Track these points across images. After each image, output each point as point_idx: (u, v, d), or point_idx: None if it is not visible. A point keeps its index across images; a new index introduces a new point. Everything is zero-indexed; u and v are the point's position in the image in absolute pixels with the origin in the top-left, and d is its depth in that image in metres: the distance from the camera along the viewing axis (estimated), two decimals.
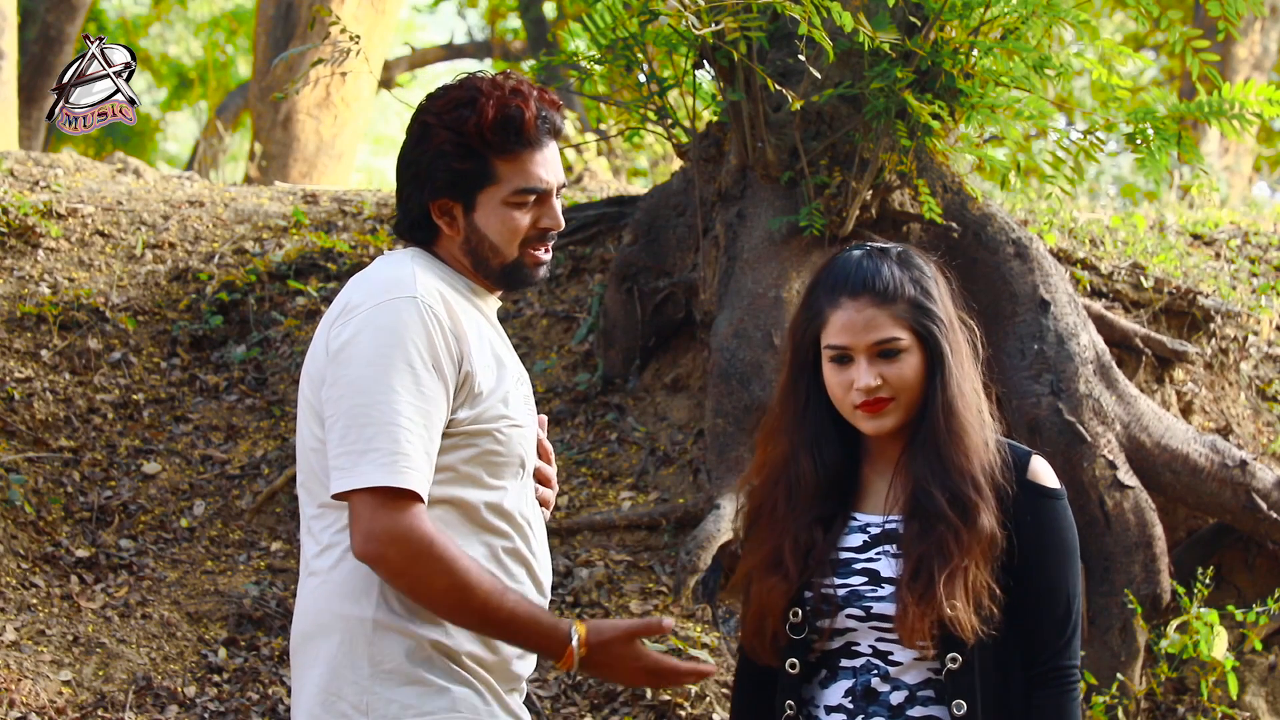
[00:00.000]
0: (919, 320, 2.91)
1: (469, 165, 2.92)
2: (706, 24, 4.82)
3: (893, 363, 2.90)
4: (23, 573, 5.48)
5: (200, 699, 5.04)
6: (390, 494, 2.78)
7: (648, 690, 4.97)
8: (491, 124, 2.91)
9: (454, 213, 2.96)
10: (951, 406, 2.91)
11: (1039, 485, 2.90)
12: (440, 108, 2.95)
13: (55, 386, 6.28)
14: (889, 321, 2.90)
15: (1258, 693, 5.54)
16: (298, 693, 2.94)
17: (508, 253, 2.97)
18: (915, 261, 2.97)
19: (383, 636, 2.85)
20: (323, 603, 2.90)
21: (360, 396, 2.81)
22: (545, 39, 17.07)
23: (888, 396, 2.90)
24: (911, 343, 2.91)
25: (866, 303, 2.91)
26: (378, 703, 2.83)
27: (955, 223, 5.84)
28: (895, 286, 2.92)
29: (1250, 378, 6.45)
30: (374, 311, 2.85)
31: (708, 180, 6.10)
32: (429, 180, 2.94)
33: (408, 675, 2.85)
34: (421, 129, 2.96)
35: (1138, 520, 5.50)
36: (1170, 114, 5.53)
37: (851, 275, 2.93)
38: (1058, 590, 2.88)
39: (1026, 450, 2.94)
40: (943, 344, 2.92)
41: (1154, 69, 19.13)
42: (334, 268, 6.90)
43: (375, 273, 2.94)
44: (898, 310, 2.91)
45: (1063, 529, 2.91)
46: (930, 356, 2.91)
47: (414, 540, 2.78)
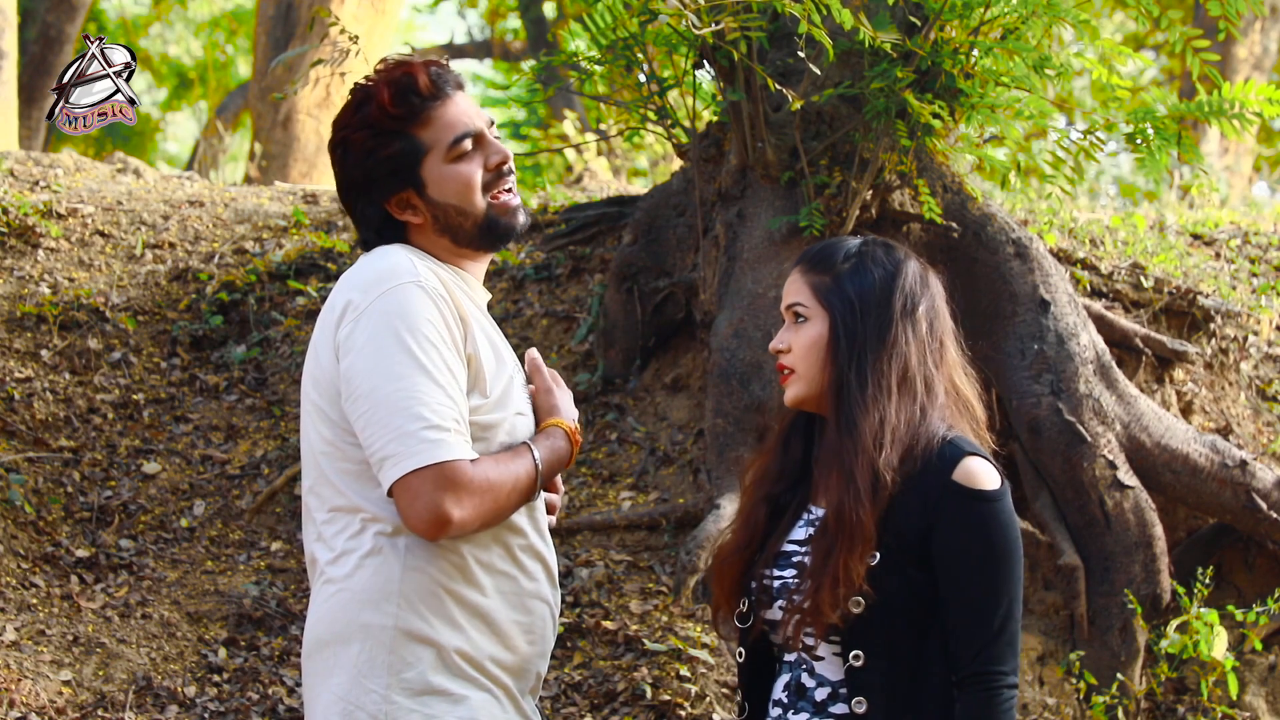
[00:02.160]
0: (826, 293, 2.93)
1: (396, 146, 2.92)
2: (706, 24, 4.82)
3: (799, 330, 2.95)
4: (23, 573, 5.48)
5: (200, 699, 5.04)
6: (433, 471, 2.76)
7: (647, 690, 4.97)
8: (391, 99, 2.92)
9: (410, 201, 2.95)
10: (839, 390, 2.90)
11: (964, 487, 2.85)
12: (345, 119, 2.98)
13: (55, 386, 6.28)
14: (803, 287, 2.97)
15: (1258, 693, 5.54)
16: (312, 701, 2.91)
17: (475, 209, 2.96)
18: (880, 253, 2.99)
19: (405, 645, 2.83)
20: (340, 610, 2.87)
21: (386, 386, 2.78)
22: (545, 39, 17.07)
23: (789, 364, 2.95)
24: (816, 313, 2.94)
25: (801, 270, 2.99)
26: (397, 712, 2.81)
27: (955, 223, 5.84)
28: (828, 263, 2.96)
29: (1250, 378, 6.45)
30: (379, 301, 2.83)
31: (708, 180, 6.10)
32: (373, 184, 2.94)
33: (428, 685, 2.82)
34: (342, 146, 2.97)
35: (1138, 520, 5.50)
36: (1170, 114, 5.53)
37: (811, 248, 3.02)
38: (978, 594, 2.83)
39: (963, 451, 2.88)
40: (837, 322, 2.92)
41: (1154, 69, 19.13)
42: (334, 268, 6.90)
43: (368, 267, 2.91)
44: (814, 280, 2.95)
45: (987, 532, 2.85)
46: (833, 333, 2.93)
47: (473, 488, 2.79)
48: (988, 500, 2.86)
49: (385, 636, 2.84)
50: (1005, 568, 2.84)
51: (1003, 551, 2.84)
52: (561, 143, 12.99)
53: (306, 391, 2.95)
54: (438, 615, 2.84)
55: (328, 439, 2.89)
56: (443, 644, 2.84)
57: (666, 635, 5.20)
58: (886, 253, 3.00)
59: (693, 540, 5.33)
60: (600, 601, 5.37)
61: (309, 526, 2.97)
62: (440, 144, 2.94)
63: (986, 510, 2.85)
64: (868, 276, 2.95)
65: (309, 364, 2.96)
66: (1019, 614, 2.86)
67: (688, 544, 5.34)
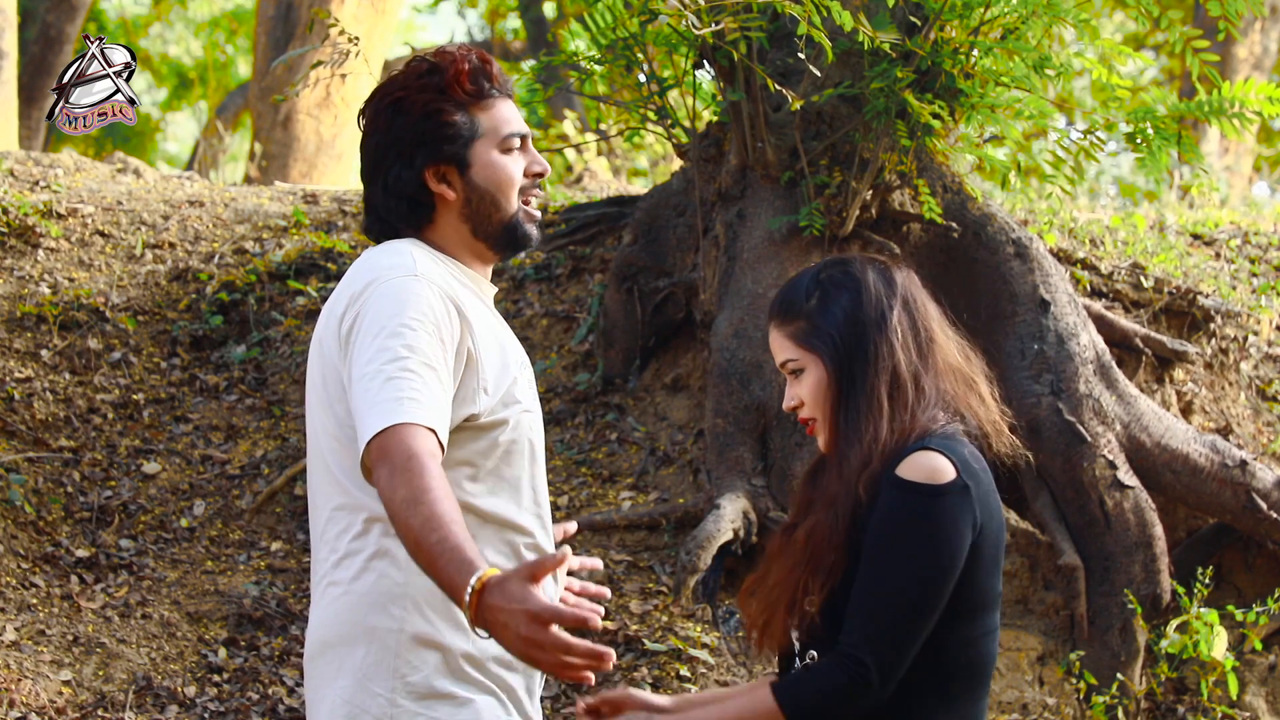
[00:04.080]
0: (807, 339, 2.92)
1: (457, 118, 2.94)
2: (706, 24, 4.82)
3: (802, 382, 2.94)
4: (23, 573, 5.48)
5: (200, 699, 5.04)
6: (398, 428, 2.69)
7: (647, 690, 4.97)
8: (468, 75, 2.94)
9: (449, 177, 2.95)
10: (834, 428, 2.90)
11: (895, 478, 2.81)
12: (404, 81, 2.96)
13: (55, 386, 6.28)
14: (785, 342, 2.95)
15: (1258, 693, 5.54)
16: (315, 703, 2.91)
17: (508, 206, 2.97)
18: (837, 274, 2.96)
19: (410, 648, 2.82)
20: (345, 614, 2.86)
21: (376, 359, 2.76)
22: (545, 39, 17.07)
23: (807, 416, 2.94)
24: (808, 361, 2.93)
25: (774, 326, 2.98)
26: (402, 715, 2.80)
27: (955, 223, 5.84)
28: (795, 307, 2.95)
29: (1250, 378, 6.45)
30: (380, 287, 2.84)
31: (708, 180, 6.10)
32: (421, 146, 2.93)
33: (433, 688, 2.82)
34: (393, 105, 2.95)
35: (1138, 520, 5.51)
36: (1170, 113, 5.53)
37: (775, 298, 3.01)
38: (873, 574, 2.79)
39: (918, 447, 2.84)
40: (828, 362, 2.91)
41: (1154, 69, 19.13)
42: (334, 268, 6.90)
43: (373, 259, 2.91)
44: (791, 330, 2.94)
45: (899, 519, 2.79)
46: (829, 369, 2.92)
47: (399, 464, 2.66)
48: (910, 490, 2.79)
49: (390, 640, 2.83)
50: (911, 561, 2.77)
51: (907, 541, 2.79)
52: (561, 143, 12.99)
53: (312, 384, 2.94)
54: (443, 618, 2.84)
55: (332, 434, 2.88)
56: (448, 646, 2.84)
57: (666, 635, 5.20)
58: (844, 272, 2.96)
59: (693, 540, 5.33)
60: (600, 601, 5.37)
61: (312, 525, 2.97)
62: (495, 133, 2.96)
63: (912, 501, 2.79)
64: (835, 306, 2.93)
65: (313, 358, 2.95)
66: (914, 617, 2.77)
67: (688, 544, 5.34)
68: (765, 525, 5.41)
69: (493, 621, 2.49)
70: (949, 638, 2.83)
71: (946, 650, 2.83)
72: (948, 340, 3.00)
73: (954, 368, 2.97)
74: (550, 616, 2.45)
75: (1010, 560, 5.61)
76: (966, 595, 2.83)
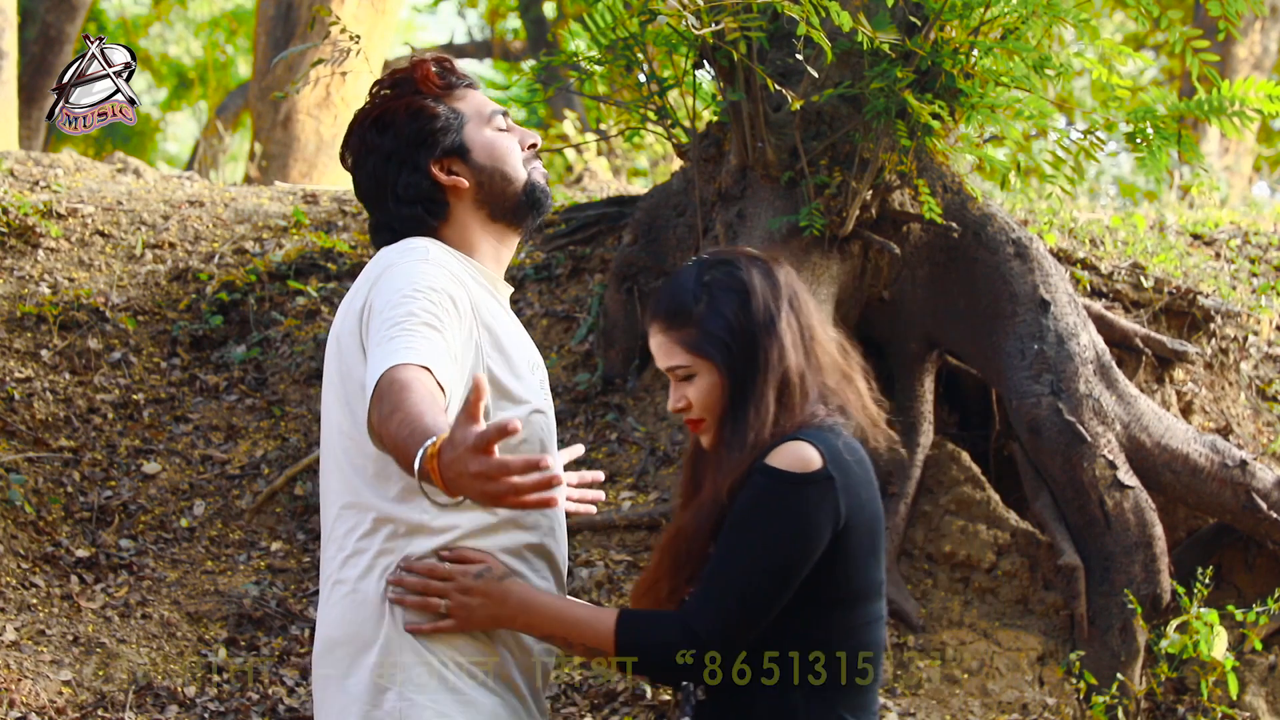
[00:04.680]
0: (698, 346, 2.91)
1: (440, 110, 3.01)
2: (706, 24, 4.82)
3: (691, 385, 2.93)
4: (23, 573, 5.48)
5: (200, 699, 5.04)
6: (388, 370, 2.69)
7: (647, 690, 4.97)
8: (434, 72, 3.03)
9: (454, 168, 3.01)
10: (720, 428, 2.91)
11: (763, 465, 2.84)
12: (377, 100, 3.03)
13: (55, 386, 6.28)
14: (674, 349, 2.94)
15: (1258, 693, 5.54)
16: (323, 702, 2.92)
17: (518, 175, 3.03)
18: (723, 277, 2.95)
19: (417, 647, 2.84)
20: (352, 612, 2.87)
21: (381, 328, 2.77)
22: (545, 39, 17.07)
23: (695, 417, 2.94)
24: (700, 366, 2.92)
25: (658, 329, 2.96)
26: (411, 710, 2.82)
27: (955, 223, 5.84)
28: (683, 312, 2.93)
29: (1250, 378, 6.45)
30: (391, 270, 2.87)
31: (708, 180, 6.10)
32: (420, 145, 2.99)
33: (441, 686, 2.83)
34: (376, 124, 3.02)
35: (1138, 520, 5.50)
36: (1170, 113, 5.53)
37: (656, 298, 2.99)
38: (724, 550, 2.82)
39: (790, 437, 2.87)
40: (722, 367, 2.91)
41: (1154, 69, 19.13)
42: (334, 268, 6.90)
43: (387, 254, 2.95)
44: (680, 337, 2.93)
45: (758, 503, 2.82)
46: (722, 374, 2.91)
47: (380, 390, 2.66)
48: (778, 478, 2.82)
49: (398, 638, 2.84)
50: (763, 544, 2.80)
51: (767, 528, 2.81)
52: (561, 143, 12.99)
53: (328, 381, 2.95)
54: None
55: (346, 432, 2.89)
56: (456, 644, 2.85)
57: None
58: (729, 275, 2.96)
59: None
60: (600, 601, 5.37)
61: (322, 523, 2.98)
62: (479, 115, 3.04)
63: (773, 487, 2.82)
64: (725, 310, 2.92)
65: (330, 355, 2.96)
66: (757, 598, 2.80)
67: None
68: None
69: (452, 478, 2.47)
70: (831, 627, 2.87)
71: (830, 640, 2.86)
72: (827, 337, 3.02)
73: (833, 363, 2.99)
74: (488, 440, 2.41)
75: (1010, 560, 5.61)
76: (843, 585, 2.87)
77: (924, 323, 5.92)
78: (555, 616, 2.86)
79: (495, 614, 2.85)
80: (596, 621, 2.85)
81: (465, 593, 2.84)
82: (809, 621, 2.86)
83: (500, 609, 2.85)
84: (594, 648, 2.84)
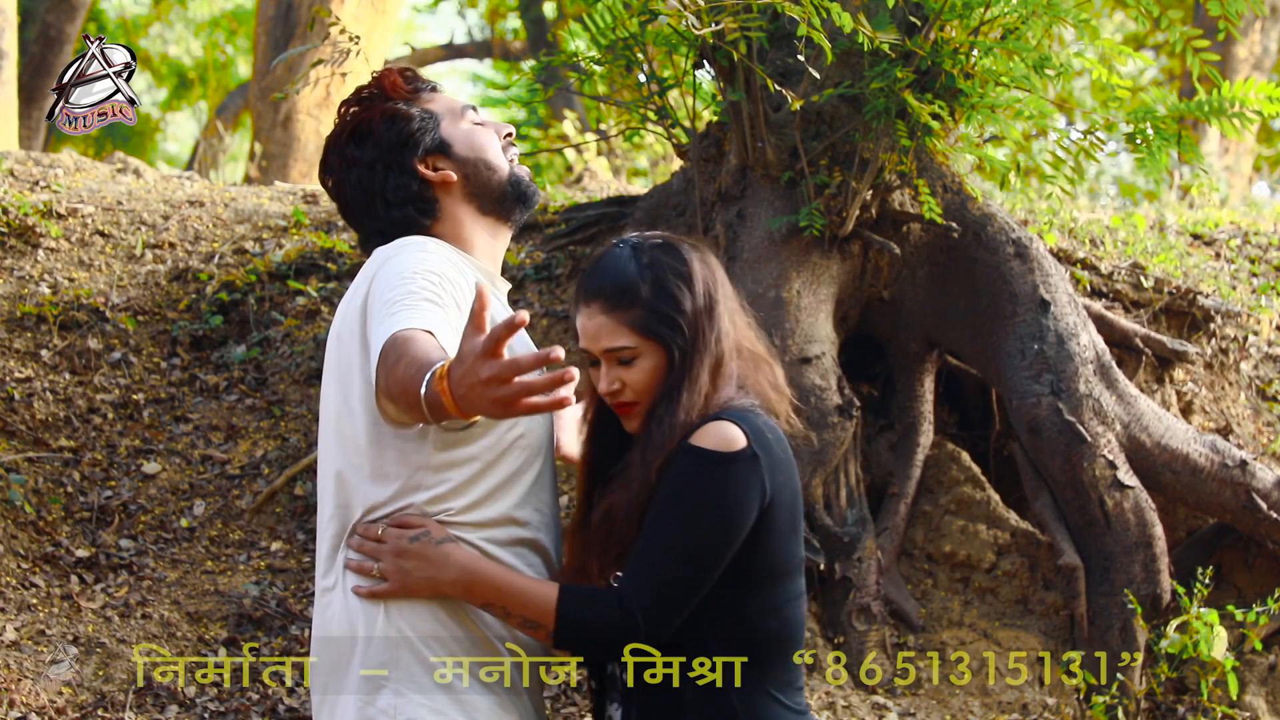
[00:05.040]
0: (647, 328, 2.92)
1: (414, 113, 3.05)
2: (706, 24, 4.82)
3: (629, 368, 2.94)
4: (23, 573, 5.48)
5: (200, 699, 5.04)
6: (388, 338, 2.71)
7: None
8: (399, 79, 3.09)
9: (439, 164, 3.04)
10: (650, 411, 2.92)
11: (688, 445, 2.87)
12: (347, 118, 3.07)
13: (55, 386, 6.27)
14: (618, 329, 2.94)
15: (1258, 693, 5.54)
16: (320, 701, 2.94)
17: (501, 164, 3.07)
18: (666, 259, 2.96)
19: (412, 645, 2.85)
20: (346, 611, 2.89)
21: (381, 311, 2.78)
22: (545, 39, 17.07)
23: (629, 400, 2.95)
24: (646, 348, 2.93)
25: (598, 309, 2.95)
26: (407, 707, 2.83)
27: (955, 223, 5.84)
28: (629, 292, 2.93)
29: (1250, 378, 6.45)
30: (388, 262, 2.88)
31: (708, 180, 6.10)
32: (403, 148, 3.02)
33: (435, 683, 2.84)
34: (354, 137, 3.05)
35: (1138, 520, 5.50)
36: (1170, 113, 5.53)
37: (591, 278, 2.97)
38: (653, 531, 2.84)
39: (714, 418, 2.89)
40: (672, 349, 2.92)
41: (1154, 69, 19.12)
42: (334, 268, 6.90)
43: (387, 248, 2.96)
44: (627, 317, 2.93)
45: (686, 482, 2.85)
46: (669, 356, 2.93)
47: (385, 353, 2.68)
48: (705, 458, 2.85)
49: (393, 637, 2.85)
50: (692, 522, 2.83)
51: (696, 506, 2.84)
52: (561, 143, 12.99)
53: (327, 382, 2.96)
54: (440, 615, 2.86)
55: (343, 431, 2.90)
56: (448, 640, 2.85)
57: None
58: (669, 254, 2.97)
59: None
60: None
61: (318, 523, 2.99)
62: (451, 111, 3.09)
63: (701, 466, 2.85)
64: (670, 290, 2.93)
65: (330, 355, 2.96)
66: (688, 576, 2.83)
67: None
68: None
69: (463, 394, 2.46)
70: (753, 605, 2.89)
71: (751, 617, 2.89)
72: (745, 322, 3.05)
73: (749, 348, 3.02)
74: (497, 340, 2.41)
75: (1010, 560, 5.61)
76: (765, 562, 2.90)
77: (924, 323, 5.92)
78: (496, 586, 2.84)
79: (433, 578, 2.84)
80: (539, 595, 2.85)
81: (400, 556, 2.84)
82: (736, 599, 2.89)
83: (438, 573, 2.84)
84: (533, 620, 2.84)
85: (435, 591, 2.84)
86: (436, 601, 2.86)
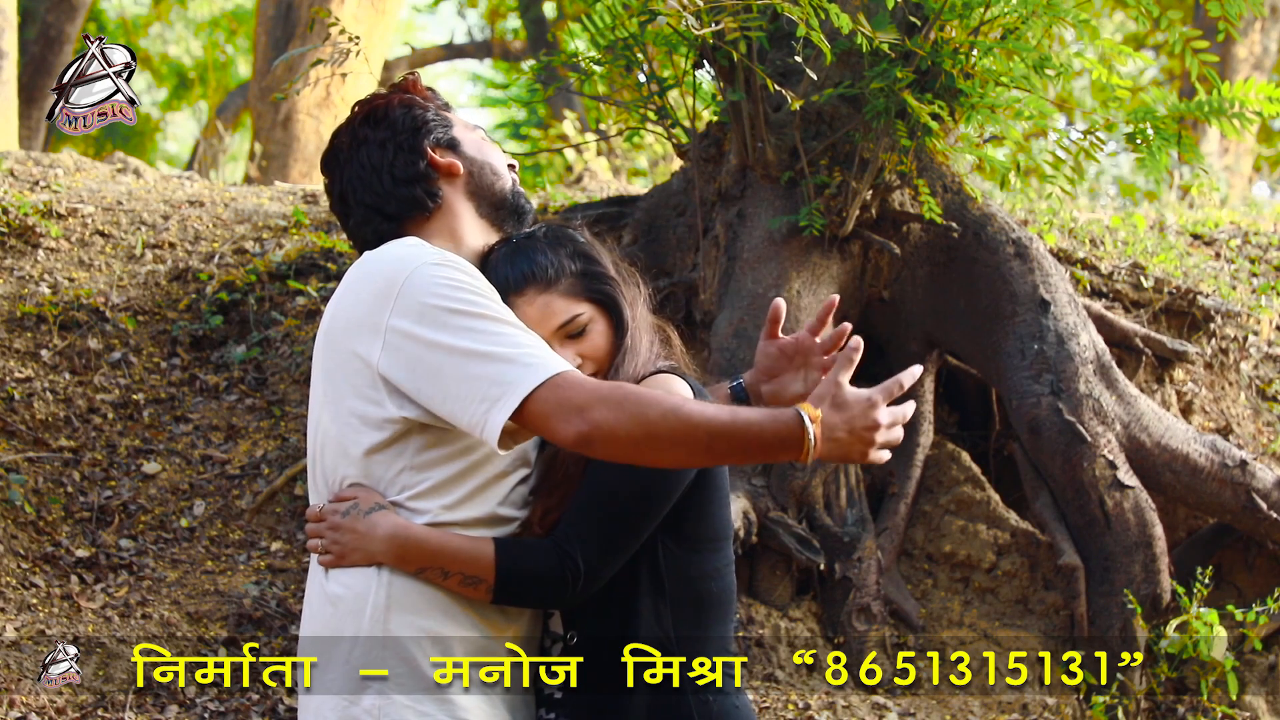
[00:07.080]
0: (590, 290, 3.01)
1: (431, 107, 3.12)
2: (706, 24, 4.82)
3: (583, 340, 2.99)
4: (23, 573, 5.48)
5: (200, 699, 5.05)
6: (551, 382, 2.75)
7: None
8: (424, 88, 3.17)
9: (447, 156, 3.07)
10: (615, 365, 2.99)
11: None
12: (383, 100, 3.12)
13: (55, 386, 6.28)
14: (562, 301, 3.00)
15: (1258, 693, 5.54)
16: (305, 700, 2.94)
17: (505, 172, 3.12)
18: (565, 236, 3.05)
19: (398, 644, 2.85)
20: (334, 609, 2.89)
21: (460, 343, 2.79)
22: (545, 39, 17.07)
23: (592, 371, 2.99)
24: (593, 314, 3.00)
25: (534, 294, 2.99)
26: (392, 708, 2.83)
27: (955, 223, 5.84)
28: (554, 267, 3.00)
29: (1250, 378, 6.45)
30: (415, 278, 2.85)
31: (708, 180, 6.10)
32: (416, 132, 3.06)
33: (421, 684, 2.84)
34: (371, 115, 3.09)
35: (1138, 520, 5.50)
36: (1170, 114, 5.53)
37: (507, 271, 3.00)
38: (594, 481, 2.87)
39: (655, 371, 2.97)
40: (615, 309, 3.01)
41: (1154, 69, 19.13)
42: (334, 268, 6.90)
43: (388, 253, 2.93)
44: (566, 288, 3.00)
45: None
46: (613, 316, 3.01)
47: (603, 392, 2.74)
48: None
49: (379, 635, 2.85)
50: (632, 473, 2.85)
51: None
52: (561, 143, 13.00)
53: (316, 386, 2.95)
54: (431, 612, 2.86)
55: (333, 434, 2.90)
56: (435, 640, 2.85)
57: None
58: (564, 234, 3.07)
59: None
60: None
61: None
62: (463, 124, 3.15)
63: None
64: (589, 255, 3.04)
65: (318, 358, 2.95)
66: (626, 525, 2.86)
67: None
68: (765, 525, 5.41)
69: (842, 436, 2.67)
70: (696, 571, 2.94)
71: (694, 582, 2.94)
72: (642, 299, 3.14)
73: (651, 320, 3.10)
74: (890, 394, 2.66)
75: (1010, 560, 5.61)
76: (707, 527, 2.96)
77: (924, 323, 5.92)
78: (429, 548, 2.85)
79: (366, 549, 2.85)
80: (475, 550, 2.86)
81: (335, 530, 2.87)
82: (687, 563, 2.94)
83: (369, 544, 2.85)
84: (473, 575, 2.85)
85: (370, 561, 2.85)
86: (436, 601, 2.86)
